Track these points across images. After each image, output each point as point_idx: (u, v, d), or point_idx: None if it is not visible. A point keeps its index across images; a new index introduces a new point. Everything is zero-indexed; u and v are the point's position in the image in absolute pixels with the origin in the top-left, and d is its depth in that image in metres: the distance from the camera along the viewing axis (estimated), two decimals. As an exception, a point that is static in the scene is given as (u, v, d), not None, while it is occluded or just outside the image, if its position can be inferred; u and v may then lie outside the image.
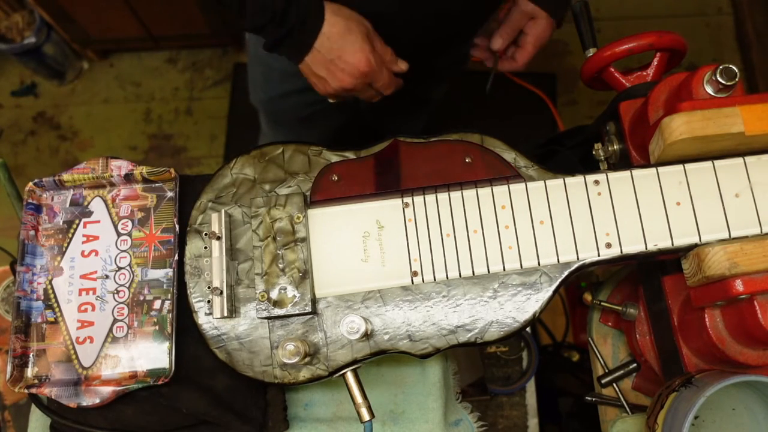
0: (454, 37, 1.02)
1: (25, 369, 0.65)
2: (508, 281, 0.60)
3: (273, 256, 0.61)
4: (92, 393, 0.63)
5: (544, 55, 2.16)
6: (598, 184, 0.60)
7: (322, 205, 0.63)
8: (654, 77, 0.70)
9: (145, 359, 0.65)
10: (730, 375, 0.55)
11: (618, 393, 0.74)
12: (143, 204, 0.69)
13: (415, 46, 0.94)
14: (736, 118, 0.55)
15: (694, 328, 0.61)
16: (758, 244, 0.55)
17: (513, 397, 0.90)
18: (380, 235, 0.62)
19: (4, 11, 1.93)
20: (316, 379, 0.60)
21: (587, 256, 0.59)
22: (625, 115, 0.66)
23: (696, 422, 0.62)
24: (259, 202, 0.63)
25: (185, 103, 2.14)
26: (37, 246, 0.68)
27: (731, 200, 0.58)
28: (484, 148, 0.64)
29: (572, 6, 0.79)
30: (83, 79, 2.17)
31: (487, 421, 0.88)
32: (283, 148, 0.66)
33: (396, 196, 0.63)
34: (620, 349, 0.78)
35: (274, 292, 0.60)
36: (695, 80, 0.59)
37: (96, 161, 0.69)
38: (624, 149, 0.65)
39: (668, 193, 0.59)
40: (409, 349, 0.60)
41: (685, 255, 0.60)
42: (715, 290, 0.57)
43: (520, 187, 0.61)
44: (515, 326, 0.59)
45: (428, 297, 0.60)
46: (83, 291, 0.67)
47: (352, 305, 0.61)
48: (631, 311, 0.71)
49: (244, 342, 0.61)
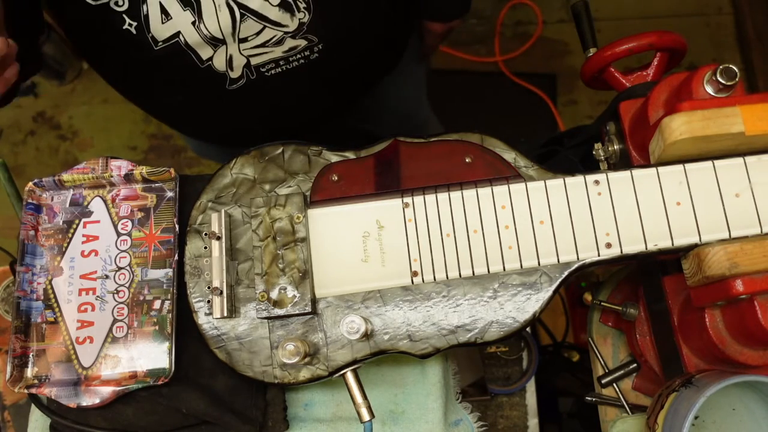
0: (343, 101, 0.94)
1: (24, 369, 0.65)
2: (508, 281, 0.60)
3: (273, 256, 0.61)
4: (92, 393, 0.63)
5: (544, 55, 2.16)
6: (598, 184, 0.60)
7: (322, 205, 0.63)
8: (654, 77, 0.70)
9: (145, 359, 0.65)
10: (730, 375, 0.55)
11: (618, 393, 0.74)
12: (143, 204, 0.69)
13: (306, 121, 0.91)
14: (736, 118, 0.55)
15: (694, 328, 0.61)
16: (758, 244, 0.55)
17: (513, 397, 0.90)
18: (380, 235, 0.62)
19: (4, 11, 1.93)
20: (316, 379, 0.60)
21: (587, 256, 0.59)
22: (625, 115, 0.66)
23: (696, 422, 0.62)
24: (259, 202, 0.63)
25: (185, 103, 2.14)
26: (37, 246, 0.68)
27: (731, 200, 0.58)
28: (484, 148, 0.64)
29: (572, 6, 0.79)
30: (83, 79, 2.17)
31: (487, 421, 0.88)
32: (283, 148, 0.66)
33: (396, 196, 0.63)
34: (620, 349, 0.78)
35: (274, 292, 0.60)
36: (695, 80, 0.59)
37: (96, 161, 0.69)
38: (624, 149, 0.65)
39: (668, 193, 0.59)
40: (409, 349, 0.60)
41: (685, 255, 0.60)
42: (715, 290, 0.57)
43: (520, 187, 0.61)
44: (515, 326, 0.59)
45: (428, 297, 0.60)
46: (83, 291, 0.67)
47: (352, 305, 0.61)
48: (631, 311, 0.71)
49: (244, 342, 0.61)
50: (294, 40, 0.73)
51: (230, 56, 0.72)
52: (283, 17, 0.70)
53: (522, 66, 2.15)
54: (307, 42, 0.74)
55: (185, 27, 0.68)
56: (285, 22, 0.70)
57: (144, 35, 0.68)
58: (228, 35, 0.70)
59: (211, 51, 0.71)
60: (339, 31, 0.77)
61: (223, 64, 0.73)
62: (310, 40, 0.74)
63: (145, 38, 0.68)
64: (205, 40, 0.70)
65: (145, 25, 0.67)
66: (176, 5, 0.66)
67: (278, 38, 0.72)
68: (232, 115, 0.85)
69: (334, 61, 0.80)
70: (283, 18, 0.70)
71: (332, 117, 0.95)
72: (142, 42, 0.68)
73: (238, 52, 0.72)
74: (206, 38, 0.69)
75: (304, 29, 0.72)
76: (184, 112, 0.87)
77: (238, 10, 0.67)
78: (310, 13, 0.70)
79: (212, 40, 0.70)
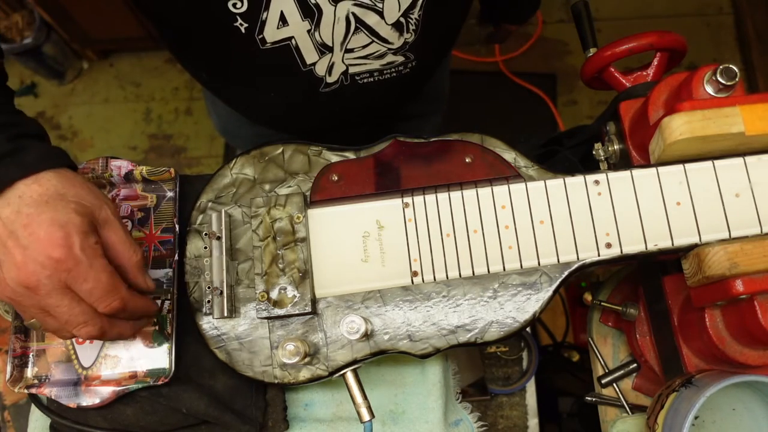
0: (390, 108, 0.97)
1: (24, 369, 0.65)
2: (508, 281, 0.60)
3: (273, 256, 0.61)
4: (92, 393, 0.63)
5: (544, 55, 2.17)
6: (598, 184, 0.60)
7: (322, 205, 0.63)
8: (654, 77, 0.70)
9: (145, 359, 0.65)
10: (730, 375, 0.55)
11: (618, 393, 0.74)
12: (143, 204, 0.69)
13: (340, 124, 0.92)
14: (736, 118, 0.55)
15: (694, 328, 0.61)
16: (758, 244, 0.55)
17: (513, 397, 0.90)
18: (380, 235, 0.62)
19: (3, 11, 1.93)
20: (316, 379, 0.60)
21: (587, 256, 0.59)
22: (625, 115, 0.66)
23: (696, 422, 0.62)
24: (259, 202, 0.63)
25: (185, 103, 2.14)
26: (37, 246, 0.68)
27: (731, 200, 0.58)
28: (484, 148, 0.64)
29: (572, 6, 0.80)
30: (83, 79, 2.17)
31: (487, 421, 0.88)
32: (283, 148, 0.66)
33: (396, 196, 0.63)
34: (620, 349, 0.78)
35: (274, 292, 0.60)
36: (695, 80, 0.59)
37: (96, 161, 0.69)
38: (624, 149, 0.65)
39: (668, 193, 0.59)
40: (409, 349, 0.60)
41: (685, 255, 0.60)
42: (716, 290, 0.57)
43: (520, 187, 0.61)
44: (515, 326, 0.59)
45: (428, 297, 0.60)
46: (83, 291, 0.67)
47: (352, 305, 0.61)
48: (631, 311, 0.71)
49: (244, 342, 0.61)
50: (394, 56, 0.76)
51: (332, 63, 0.74)
52: (392, 35, 0.72)
53: (522, 66, 2.16)
54: (405, 59, 0.77)
55: (299, 34, 0.69)
56: (392, 39, 0.73)
57: (252, 36, 0.67)
58: (337, 44, 0.71)
59: (317, 57, 0.73)
60: (433, 53, 0.84)
61: (324, 70, 0.75)
62: (407, 57, 0.77)
63: (252, 38, 0.68)
64: (315, 46, 0.71)
65: (259, 28, 0.66)
66: (297, 15, 0.66)
67: (381, 53, 0.75)
68: (311, 113, 0.87)
69: (418, 77, 0.85)
70: (392, 36, 0.73)
71: (391, 116, 1.00)
72: (248, 40, 0.68)
73: (341, 60, 0.74)
74: (317, 45, 0.71)
75: (406, 47, 0.75)
76: (266, 105, 0.88)
77: (354, 23, 0.69)
78: (416, 34, 0.74)
79: (322, 47, 0.71)
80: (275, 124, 0.96)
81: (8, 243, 0.51)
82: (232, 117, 1.05)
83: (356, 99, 0.83)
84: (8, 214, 0.51)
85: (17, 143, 0.53)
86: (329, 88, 0.79)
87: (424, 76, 0.88)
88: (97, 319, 0.54)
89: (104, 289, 0.53)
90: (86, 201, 0.54)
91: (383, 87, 0.81)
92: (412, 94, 0.92)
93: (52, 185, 0.53)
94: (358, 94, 0.81)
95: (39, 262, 0.51)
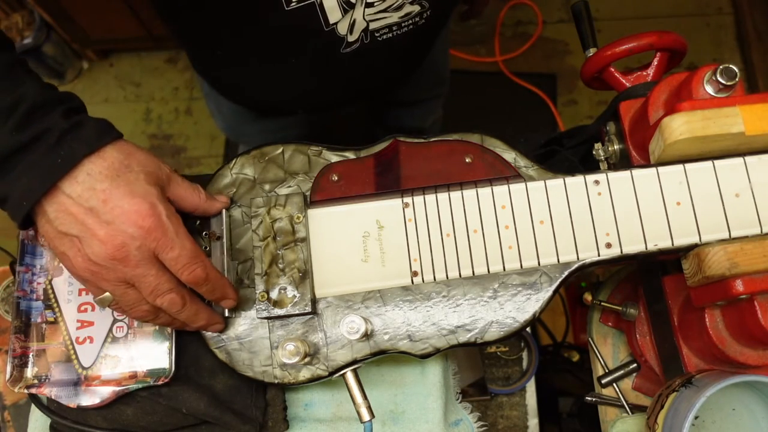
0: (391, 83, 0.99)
1: (24, 369, 0.65)
2: (508, 281, 0.60)
3: (273, 256, 0.61)
4: (92, 393, 0.63)
5: (544, 55, 2.17)
6: (598, 184, 0.60)
7: (322, 205, 0.63)
8: (654, 77, 0.70)
9: (145, 359, 0.65)
10: (730, 375, 0.55)
11: (618, 393, 0.74)
12: (143, 204, 0.69)
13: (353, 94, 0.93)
14: (736, 118, 0.55)
15: (694, 328, 0.61)
16: (758, 244, 0.55)
17: (513, 397, 0.90)
18: (380, 235, 0.62)
19: (3, 11, 1.93)
20: (316, 379, 0.60)
21: (587, 256, 0.59)
22: (625, 115, 0.66)
23: (696, 422, 0.62)
24: (259, 202, 0.63)
25: (185, 103, 2.14)
26: (37, 246, 0.68)
27: (731, 200, 0.58)
28: (484, 148, 0.64)
29: (572, 6, 0.80)
30: (83, 79, 2.17)
31: (487, 421, 0.88)
32: (283, 148, 0.66)
33: (396, 196, 0.63)
34: (620, 349, 0.78)
35: (274, 292, 0.60)
36: (695, 80, 0.59)
37: (96, 161, 0.68)
38: (624, 149, 0.65)
39: (668, 193, 0.59)
40: (409, 349, 0.60)
41: (685, 255, 0.60)
42: (716, 290, 0.57)
43: (520, 187, 0.61)
44: (515, 326, 0.59)
45: (428, 297, 0.60)
46: (83, 291, 0.67)
47: (352, 305, 0.61)
48: (631, 311, 0.71)
49: (244, 342, 0.61)
50: (411, 6, 0.76)
51: (354, 20, 0.74)
52: None
53: (522, 66, 2.16)
54: (420, 8, 0.77)
55: None
56: None
57: None
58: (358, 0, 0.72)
59: (340, 15, 0.73)
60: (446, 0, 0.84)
61: (345, 29, 0.75)
62: (423, 6, 0.77)
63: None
64: (339, 3, 0.71)
65: None
66: None
67: (398, 4, 0.74)
68: (328, 81, 0.87)
69: (431, 28, 0.85)
70: None
71: (401, 82, 1.00)
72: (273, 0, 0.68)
73: (362, 16, 0.74)
74: (341, 2, 0.71)
75: None
76: (283, 77, 0.87)
77: None
78: None
79: (345, 4, 0.72)
80: (288, 104, 0.95)
81: (87, 220, 0.51)
82: (237, 114, 1.05)
83: (375, 58, 0.83)
84: (80, 192, 0.51)
85: (72, 120, 0.53)
86: (350, 48, 0.79)
87: (437, 27, 0.89)
88: (181, 287, 0.56)
89: (189, 256, 0.54)
90: (149, 167, 0.55)
91: (400, 41, 0.81)
92: (425, 50, 0.93)
93: (116, 158, 0.53)
94: (376, 53, 0.81)
95: (129, 234, 0.51)
